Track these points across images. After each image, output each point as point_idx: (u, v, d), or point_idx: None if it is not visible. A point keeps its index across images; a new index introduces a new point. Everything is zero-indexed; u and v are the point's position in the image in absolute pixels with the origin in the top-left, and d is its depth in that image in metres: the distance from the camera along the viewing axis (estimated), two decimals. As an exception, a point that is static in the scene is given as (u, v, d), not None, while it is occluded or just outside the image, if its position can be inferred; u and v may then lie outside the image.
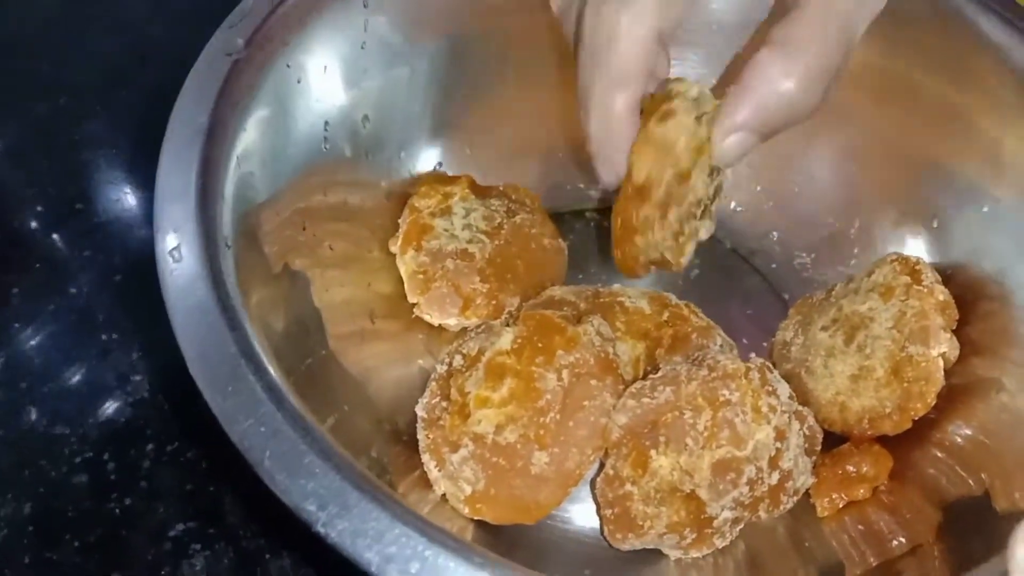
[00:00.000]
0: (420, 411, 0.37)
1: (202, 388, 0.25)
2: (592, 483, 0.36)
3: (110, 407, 0.40)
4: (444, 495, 0.35)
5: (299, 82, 0.36)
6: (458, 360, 0.37)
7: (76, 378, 0.41)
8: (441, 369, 0.38)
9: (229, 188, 0.30)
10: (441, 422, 0.36)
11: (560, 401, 0.35)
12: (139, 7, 0.53)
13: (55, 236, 0.46)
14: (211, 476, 0.38)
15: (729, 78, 0.37)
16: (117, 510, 0.37)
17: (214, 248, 0.28)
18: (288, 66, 0.35)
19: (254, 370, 0.25)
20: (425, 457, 0.36)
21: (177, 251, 0.27)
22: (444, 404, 0.37)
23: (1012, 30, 0.37)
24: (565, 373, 0.35)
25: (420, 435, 0.36)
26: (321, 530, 0.22)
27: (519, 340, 0.36)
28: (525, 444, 0.34)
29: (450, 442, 0.35)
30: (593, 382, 0.35)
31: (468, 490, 0.35)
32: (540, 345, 0.36)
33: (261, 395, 0.25)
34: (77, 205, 0.46)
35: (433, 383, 0.38)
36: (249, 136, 0.33)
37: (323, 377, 0.33)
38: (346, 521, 0.23)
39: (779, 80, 0.30)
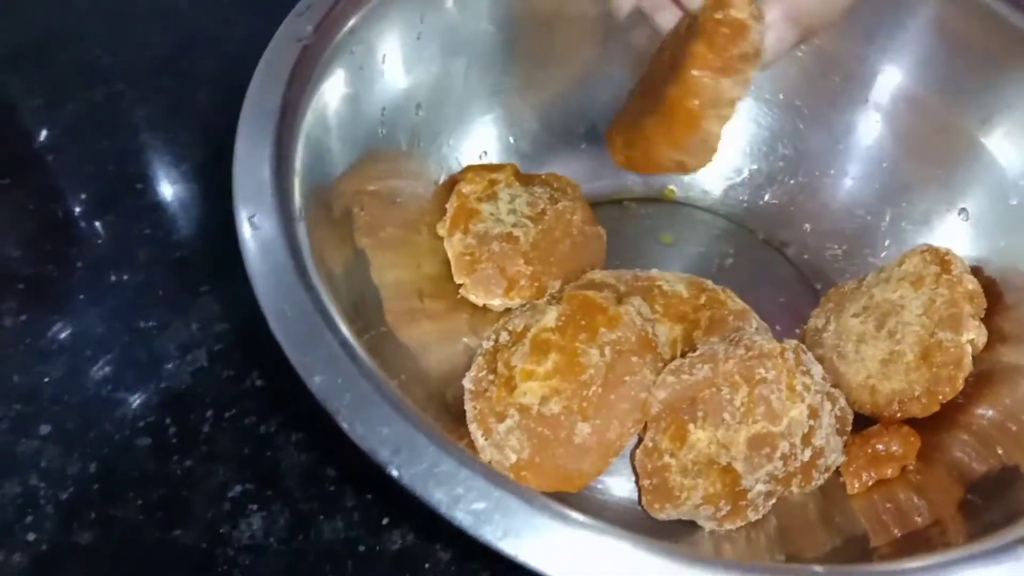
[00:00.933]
0: (467, 384, 0.39)
1: (282, 343, 0.27)
2: (631, 455, 0.38)
3: (171, 375, 0.42)
4: (490, 463, 0.37)
5: (361, 68, 0.37)
6: (504, 336, 0.39)
7: (137, 347, 0.43)
8: (488, 345, 0.40)
9: (299, 164, 0.32)
10: (488, 394, 0.38)
11: (602, 375, 0.36)
12: (186, 1, 0.55)
13: (115, 213, 0.48)
14: (267, 441, 0.40)
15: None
16: (178, 471, 0.39)
17: (288, 217, 0.30)
18: (352, 52, 0.37)
19: (329, 327, 0.27)
20: (472, 427, 0.38)
21: (255, 219, 0.29)
22: (491, 377, 0.38)
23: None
24: (607, 349, 0.37)
25: (467, 406, 0.38)
26: (395, 472, 0.24)
27: (563, 318, 0.38)
28: (569, 415, 0.36)
29: (496, 412, 0.37)
30: (634, 359, 0.37)
31: (513, 458, 0.36)
32: (583, 323, 0.37)
33: (337, 350, 0.26)
34: (137, 185, 0.49)
35: (480, 358, 0.40)
36: (316, 118, 0.35)
37: (382, 348, 0.35)
38: (417, 465, 0.24)
39: None
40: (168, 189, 0.49)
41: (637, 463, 0.37)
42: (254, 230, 0.29)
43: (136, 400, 0.41)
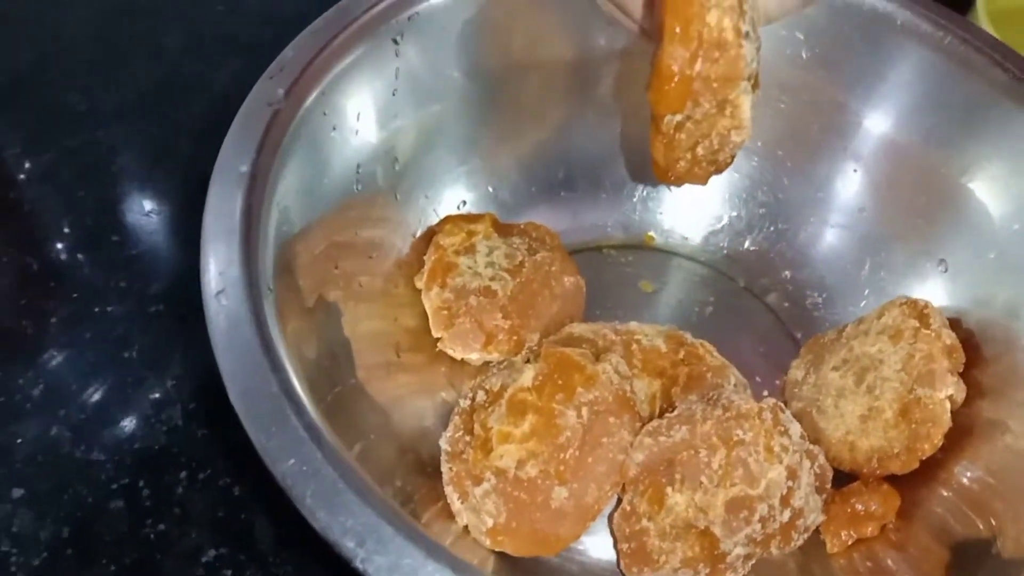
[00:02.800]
0: (444, 444, 0.38)
1: (247, 427, 0.26)
2: (609, 518, 0.37)
3: (145, 435, 0.41)
4: (466, 527, 0.37)
5: (334, 128, 0.37)
6: (481, 395, 0.39)
7: (112, 406, 0.42)
8: (464, 404, 0.39)
9: (270, 232, 0.32)
10: (464, 456, 0.37)
11: (580, 438, 0.36)
12: (172, 41, 0.55)
13: (91, 266, 0.47)
14: (242, 503, 0.39)
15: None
16: (152, 535, 0.38)
17: (256, 291, 0.29)
18: (324, 114, 0.37)
19: (295, 410, 0.27)
20: (448, 489, 0.37)
21: (223, 294, 0.29)
22: (467, 438, 0.38)
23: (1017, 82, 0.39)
24: (584, 410, 0.36)
25: (444, 468, 0.38)
26: (360, 566, 0.24)
27: (540, 377, 0.37)
28: (546, 479, 0.36)
29: (473, 475, 0.37)
30: (611, 419, 0.37)
31: (490, 522, 0.36)
32: (560, 382, 0.37)
33: (303, 435, 0.26)
34: (113, 237, 0.48)
35: (456, 417, 0.39)
36: (288, 182, 0.34)
37: (351, 405, 0.35)
38: (383, 557, 0.24)
39: None
40: (145, 241, 0.48)
41: (615, 526, 0.37)
42: (221, 305, 0.29)
43: (109, 461, 0.40)
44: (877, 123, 0.43)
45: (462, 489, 0.37)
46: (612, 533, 0.37)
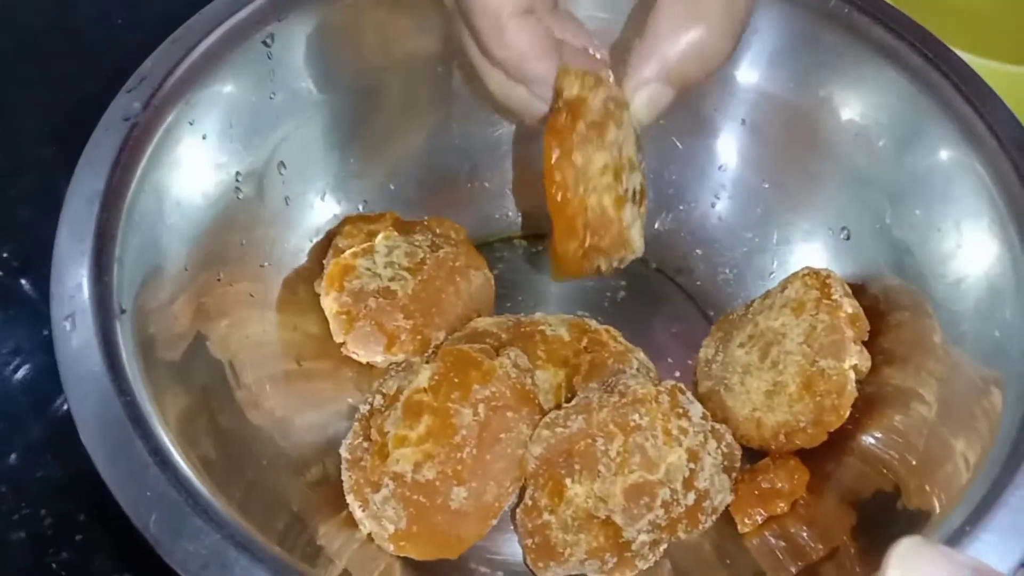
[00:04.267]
0: (344, 452, 0.38)
1: (92, 455, 0.26)
2: (512, 513, 0.37)
3: (47, 463, 0.41)
4: (370, 534, 0.36)
5: (204, 138, 0.36)
6: (379, 400, 0.38)
7: (16, 437, 0.42)
8: (364, 409, 0.39)
9: (127, 253, 0.31)
10: (363, 463, 0.37)
11: (476, 436, 0.35)
12: (68, 62, 0.53)
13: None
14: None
15: (635, 29, 0.34)
16: (54, 564, 0.38)
17: (107, 315, 0.28)
18: (191, 123, 0.36)
19: (141, 435, 0.26)
20: (350, 498, 0.37)
21: (71, 319, 0.28)
22: (365, 445, 0.37)
23: (898, 40, 0.38)
24: (481, 407, 0.36)
25: (344, 476, 0.37)
26: (203, 591, 0.23)
27: (436, 377, 0.37)
28: (443, 481, 0.35)
29: (372, 482, 0.36)
30: (509, 414, 0.36)
31: (391, 528, 0.35)
32: (456, 380, 0.36)
33: (147, 459, 0.25)
34: (13, 263, 0.47)
35: (356, 424, 0.39)
36: (151, 196, 0.33)
37: (237, 427, 0.34)
38: (227, 581, 0.23)
39: (686, 27, 0.29)
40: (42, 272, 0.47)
41: (518, 522, 0.36)
42: (67, 330, 0.28)
43: (10, 493, 0.40)
44: (763, 89, 0.42)
45: (362, 497, 0.36)
46: (515, 529, 0.36)
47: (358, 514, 0.36)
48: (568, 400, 0.39)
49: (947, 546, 0.25)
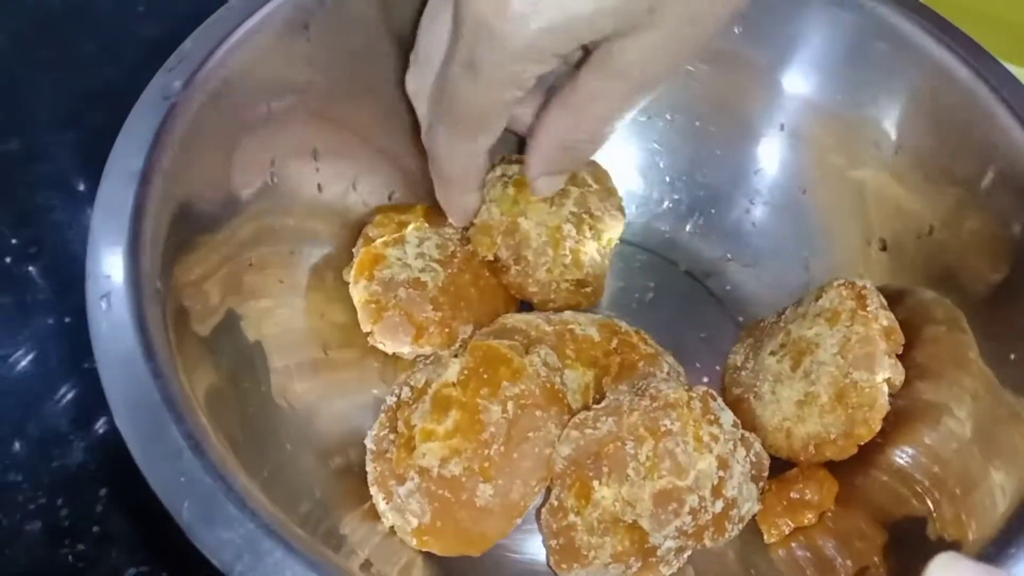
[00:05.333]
0: (369, 443, 0.37)
1: (126, 438, 0.25)
2: (537, 513, 0.36)
3: (63, 452, 0.40)
4: (392, 527, 0.36)
5: (242, 121, 0.36)
6: (406, 392, 0.38)
7: (29, 423, 0.41)
8: (391, 401, 0.38)
9: (165, 231, 0.31)
10: (388, 455, 0.36)
11: (504, 433, 0.35)
12: (88, 47, 0.53)
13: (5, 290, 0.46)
14: (163, 518, 0.38)
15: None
16: (70, 556, 0.37)
17: (143, 295, 0.28)
18: (230, 105, 0.35)
19: (176, 419, 0.25)
20: (373, 490, 0.36)
21: (107, 299, 0.28)
22: (391, 437, 0.37)
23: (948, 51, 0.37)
24: (510, 404, 0.35)
25: (368, 467, 0.37)
26: (236, 579, 0.23)
27: (465, 371, 0.36)
28: (470, 477, 0.35)
29: (397, 475, 0.36)
30: (538, 413, 0.36)
31: (415, 523, 0.35)
32: (486, 376, 0.36)
33: (181, 444, 0.25)
34: (30, 249, 0.47)
35: (383, 415, 0.38)
36: (189, 177, 0.33)
37: (265, 411, 0.34)
38: (260, 571, 0.23)
39: (565, 135, 0.34)
40: (64, 252, 0.47)
41: (543, 523, 0.36)
42: (104, 310, 0.27)
43: (26, 482, 0.39)
44: (807, 94, 0.42)
45: (386, 489, 0.36)
46: (540, 529, 0.36)
47: (381, 506, 0.36)
48: (596, 401, 0.38)
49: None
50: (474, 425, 0.35)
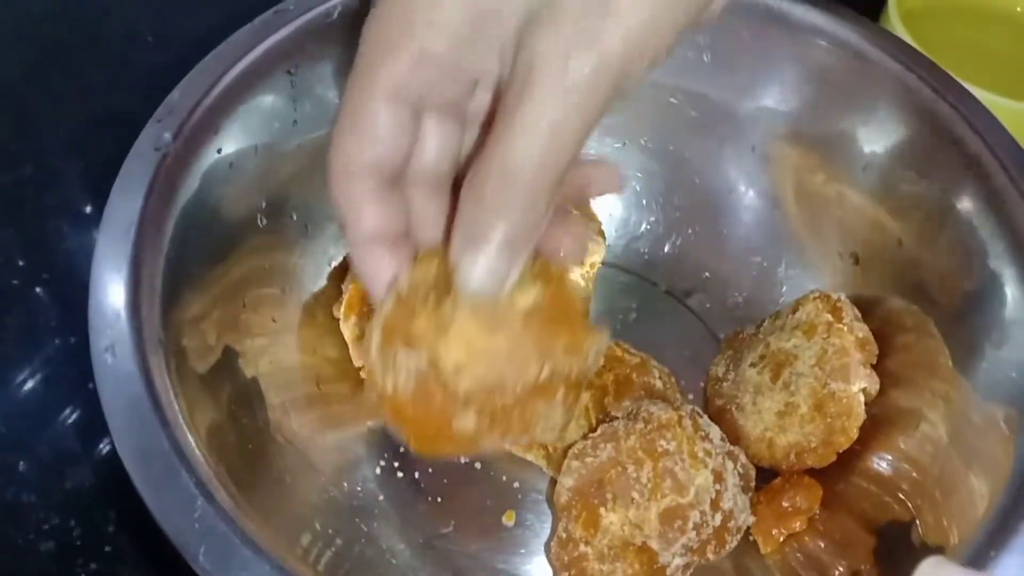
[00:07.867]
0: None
1: (137, 485, 0.26)
2: (546, 547, 0.37)
3: (74, 472, 0.41)
4: (362, 368, 0.36)
5: (231, 166, 0.36)
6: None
7: (40, 443, 0.42)
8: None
9: (160, 281, 0.31)
10: (415, 309, 0.27)
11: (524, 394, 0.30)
12: (98, 75, 0.53)
13: (18, 311, 0.46)
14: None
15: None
16: (83, 575, 0.38)
17: (146, 344, 0.29)
18: (219, 151, 0.36)
19: (187, 467, 0.26)
20: (375, 333, 0.28)
21: (111, 350, 0.28)
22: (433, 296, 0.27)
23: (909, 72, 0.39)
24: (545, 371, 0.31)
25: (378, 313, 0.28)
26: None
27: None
28: (464, 402, 0.27)
29: (413, 335, 0.27)
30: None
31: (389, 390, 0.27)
32: None
33: (194, 491, 0.26)
34: (44, 275, 0.47)
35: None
36: (183, 225, 0.33)
37: (263, 448, 0.34)
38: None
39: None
40: (72, 276, 0.47)
41: (554, 556, 0.36)
42: (109, 361, 0.28)
43: (39, 503, 0.40)
44: (776, 118, 0.44)
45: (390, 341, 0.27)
46: (551, 563, 0.37)
47: (372, 354, 0.28)
48: (600, 422, 0.39)
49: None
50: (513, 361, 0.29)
